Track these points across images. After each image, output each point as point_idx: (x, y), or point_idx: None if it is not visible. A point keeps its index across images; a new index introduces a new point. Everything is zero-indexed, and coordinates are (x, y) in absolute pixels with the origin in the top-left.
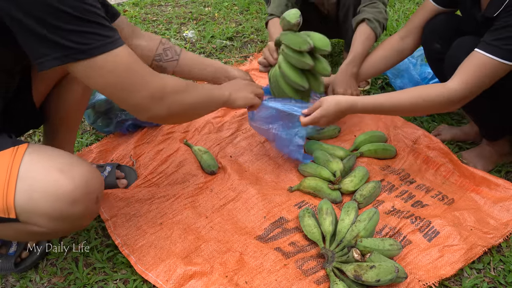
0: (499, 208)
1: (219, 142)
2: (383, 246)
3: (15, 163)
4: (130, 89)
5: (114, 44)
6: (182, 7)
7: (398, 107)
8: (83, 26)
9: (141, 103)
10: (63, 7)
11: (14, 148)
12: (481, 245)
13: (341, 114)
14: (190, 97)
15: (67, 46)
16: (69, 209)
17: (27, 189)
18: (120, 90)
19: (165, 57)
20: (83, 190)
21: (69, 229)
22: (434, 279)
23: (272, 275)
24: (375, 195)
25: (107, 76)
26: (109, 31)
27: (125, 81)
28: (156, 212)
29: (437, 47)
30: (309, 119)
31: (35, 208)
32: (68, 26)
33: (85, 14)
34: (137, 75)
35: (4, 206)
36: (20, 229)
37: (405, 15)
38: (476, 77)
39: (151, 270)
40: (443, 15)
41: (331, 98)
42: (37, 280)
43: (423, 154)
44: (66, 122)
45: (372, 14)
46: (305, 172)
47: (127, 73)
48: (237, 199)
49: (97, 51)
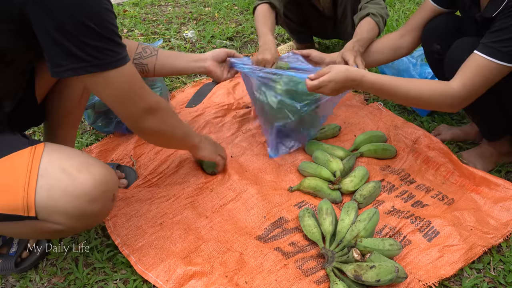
0: (499, 208)
1: (219, 142)
2: (383, 246)
3: (34, 162)
4: (130, 100)
5: (123, 61)
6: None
7: (403, 93)
8: (101, 42)
9: (137, 113)
10: (89, 22)
11: (32, 147)
12: (481, 245)
13: (349, 82)
14: (176, 121)
15: (83, 59)
16: (87, 207)
17: (47, 187)
18: (120, 101)
19: (144, 54)
20: (102, 188)
21: (85, 226)
22: (434, 279)
23: (272, 275)
24: (375, 195)
25: (112, 89)
26: (120, 48)
27: (126, 93)
28: (156, 212)
29: (436, 47)
30: (317, 82)
31: (55, 206)
32: (88, 41)
33: (106, 31)
34: (137, 89)
35: (25, 204)
36: (37, 227)
37: (405, 15)
38: (476, 79)
39: (151, 270)
40: (443, 15)
41: (341, 65)
42: (37, 280)
43: (423, 154)
44: (67, 119)
45: (376, 9)
46: (305, 172)
47: (130, 86)
48: (237, 199)
49: (109, 66)
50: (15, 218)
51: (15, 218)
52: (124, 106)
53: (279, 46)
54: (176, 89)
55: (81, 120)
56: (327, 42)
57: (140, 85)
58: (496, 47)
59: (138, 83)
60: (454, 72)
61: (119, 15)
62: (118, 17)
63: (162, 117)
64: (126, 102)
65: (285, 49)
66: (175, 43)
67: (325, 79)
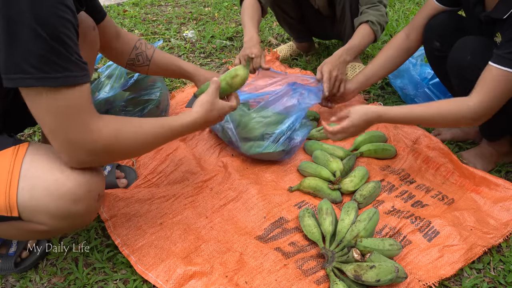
0: (499, 208)
1: (220, 142)
2: (383, 246)
3: (16, 162)
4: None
5: (73, 82)
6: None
7: (424, 121)
8: (45, 51)
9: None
10: (35, 26)
11: (15, 147)
12: (481, 245)
13: (369, 124)
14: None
15: (24, 70)
16: (71, 207)
17: (29, 187)
18: (53, 129)
19: (137, 62)
20: (85, 188)
21: (71, 227)
22: (434, 279)
23: (272, 275)
24: (375, 195)
25: (51, 113)
26: (72, 64)
27: (64, 120)
28: (156, 212)
29: (436, 45)
30: (339, 127)
31: (37, 206)
32: (37, 49)
33: (55, 40)
34: (76, 120)
35: (7, 204)
36: (22, 227)
37: (405, 15)
38: (495, 92)
39: (151, 270)
40: (444, 13)
41: (359, 108)
42: (37, 280)
43: (423, 154)
44: None
45: (375, 17)
46: (305, 172)
47: (70, 114)
48: (237, 199)
49: (55, 82)
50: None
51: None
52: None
53: (279, 46)
54: (176, 89)
55: None
56: (327, 43)
57: (81, 116)
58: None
59: (80, 112)
60: (457, 72)
61: (119, 15)
62: (118, 17)
63: (114, 150)
64: (58, 131)
65: (284, 49)
66: (175, 43)
67: (345, 125)
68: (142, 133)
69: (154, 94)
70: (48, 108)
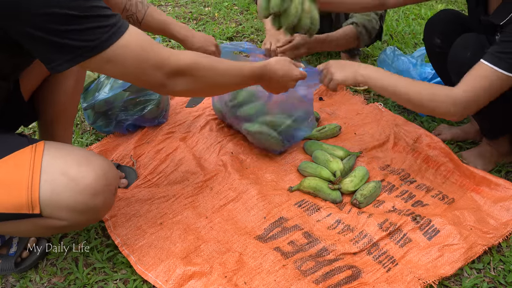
0: (499, 208)
1: (220, 140)
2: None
3: (36, 160)
4: (145, 70)
5: (120, 32)
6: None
7: (404, 94)
8: (87, 23)
9: (159, 81)
10: (65, 10)
11: (33, 146)
12: (481, 244)
13: (353, 65)
14: (216, 70)
15: (76, 46)
16: (90, 201)
17: (50, 184)
18: (134, 76)
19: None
20: (103, 181)
21: (88, 221)
22: (433, 278)
23: (271, 276)
24: (375, 195)
25: (120, 66)
26: (112, 19)
27: (137, 66)
28: (156, 212)
29: (437, 41)
30: (323, 65)
31: (59, 202)
32: (73, 27)
33: (87, 11)
34: (151, 54)
35: (29, 202)
36: (39, 224)
37: (405, 15)
38: (480, 87)
39: (151, 270)
40: (445, 10)
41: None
42: (37, 280)
43: (424, 153)
44: (61, 117)
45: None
46: (305, 172)
47: (139, 58)
48: (237, 200)
49: (105, 44)
50: (20, 217)
51: (20, 217)
52: (141, 78)
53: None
54: None
55: (81, 120)
56: None
57: (153, 48)
58: (503, 58)
59: (149, 47)
60: (457, 69)
61: None
62: None
63: (195, 75)
64: (142, 74)
65: None
66: (175, 43)
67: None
68: (218, 64)
69: (154, 94)
70: (125, 60)
